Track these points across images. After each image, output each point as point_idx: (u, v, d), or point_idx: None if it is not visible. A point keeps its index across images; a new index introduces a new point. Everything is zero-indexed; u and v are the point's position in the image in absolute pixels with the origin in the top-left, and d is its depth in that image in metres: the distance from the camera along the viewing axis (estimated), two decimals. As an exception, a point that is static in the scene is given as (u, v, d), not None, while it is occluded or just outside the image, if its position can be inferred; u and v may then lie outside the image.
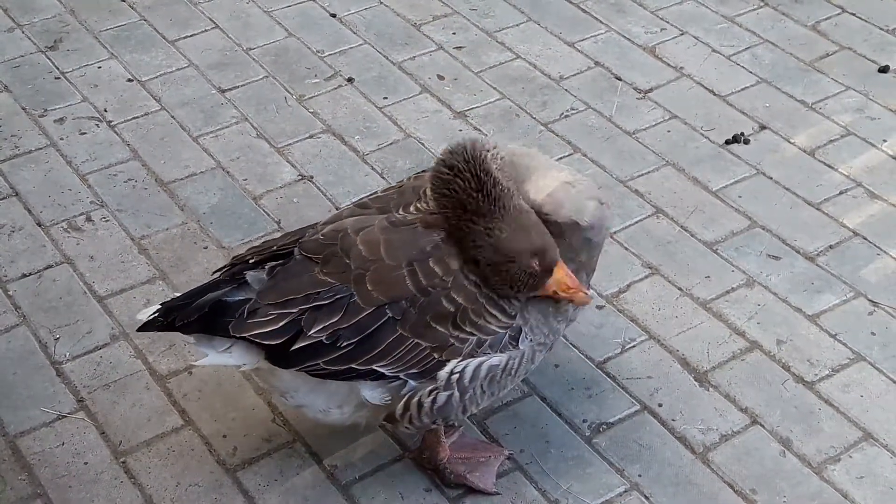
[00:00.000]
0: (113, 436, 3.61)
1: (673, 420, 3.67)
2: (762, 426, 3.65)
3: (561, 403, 3.71)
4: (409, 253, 3.12)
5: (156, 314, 3.19)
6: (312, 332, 3.09)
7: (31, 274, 4.16)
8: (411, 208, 3.24)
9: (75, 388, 3.75)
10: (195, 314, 3.13)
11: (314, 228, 3.31)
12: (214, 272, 3.32)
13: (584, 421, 3.66)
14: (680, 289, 4.11)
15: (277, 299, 3.12)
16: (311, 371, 3.14)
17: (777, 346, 3.90)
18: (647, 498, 3.45)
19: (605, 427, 3.65)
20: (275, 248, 3.26)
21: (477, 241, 3.07)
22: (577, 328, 3.92)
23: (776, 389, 3.76)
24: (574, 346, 3.88)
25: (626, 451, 3.57)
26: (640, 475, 3.51)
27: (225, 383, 3.75)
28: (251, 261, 3.23)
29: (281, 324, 3.10)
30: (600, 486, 3.48)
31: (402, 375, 3.14)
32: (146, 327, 3.22)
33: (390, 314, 3.09)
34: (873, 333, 3.95)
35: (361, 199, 3.43)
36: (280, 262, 3.22)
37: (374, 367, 3.12)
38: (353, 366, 3.11)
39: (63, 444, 3.58)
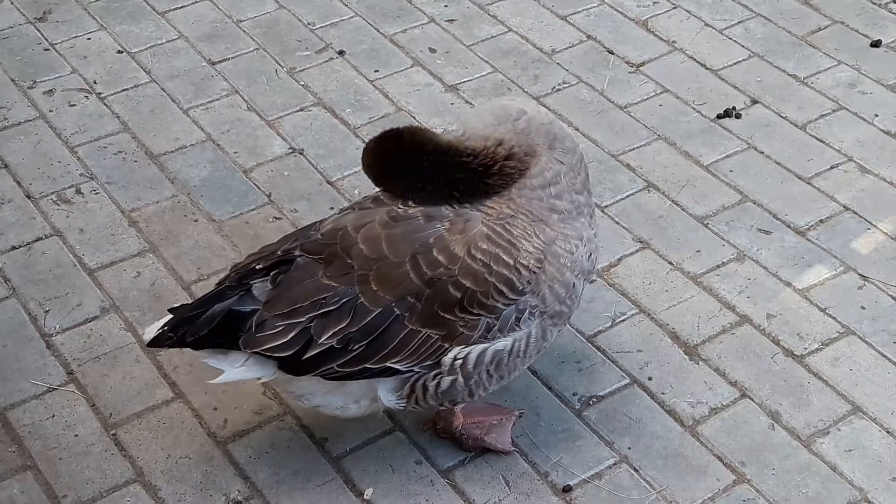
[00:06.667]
0: (103, 408, 3.60)
1: (663, 393, 3.68)
2: (752, 399, 3.66)
3: (551, 377, 3.72)
4: (411, 246, 3.10)
5: (164, 328, 3.14)
6: (322, 339, 3.07)
7: (20, 246, 4.14)
8: (409, 202, 3.22)
9: (65, 361, 3.74)
10: (205, 328, 3.09)
11: (316, 228, 3.28)
12: (218, 283, 3.25)
13: (574, 394, 3.67)
14: (671, 263, 4.12)
15: (284, 309, 3.09)
16: (325, 375, 3.13)
17: (767, 320, 3.91)
18: (636, 470, 3.46)
19: (594, 400, 3.66)
20: (279, 252, 3.21)
21: (452, 165, 3.10)
22: (568, 302, 3.92)
23: (766, 363, 3.77)
24: (564, 320, 3.88)
25: (616, 425, 3.58)
26: (629, 448, 3.52)
27: (215, 356, 3.74)
28: (258, 266, 3.18)
29: (291, 335, 3.08)
30: (590, 458, 3.49)
31: (416, 369, 3.14)
32: (156, 342, 3.16)
33: (398, 312, 3.08)
34: (863, 307, 3.96)
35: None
36: (284, 267, 3.17)
37: (388, 364, 3.11)
38: (367, 365, 3.11)
39: (53, 416, 3.58)
